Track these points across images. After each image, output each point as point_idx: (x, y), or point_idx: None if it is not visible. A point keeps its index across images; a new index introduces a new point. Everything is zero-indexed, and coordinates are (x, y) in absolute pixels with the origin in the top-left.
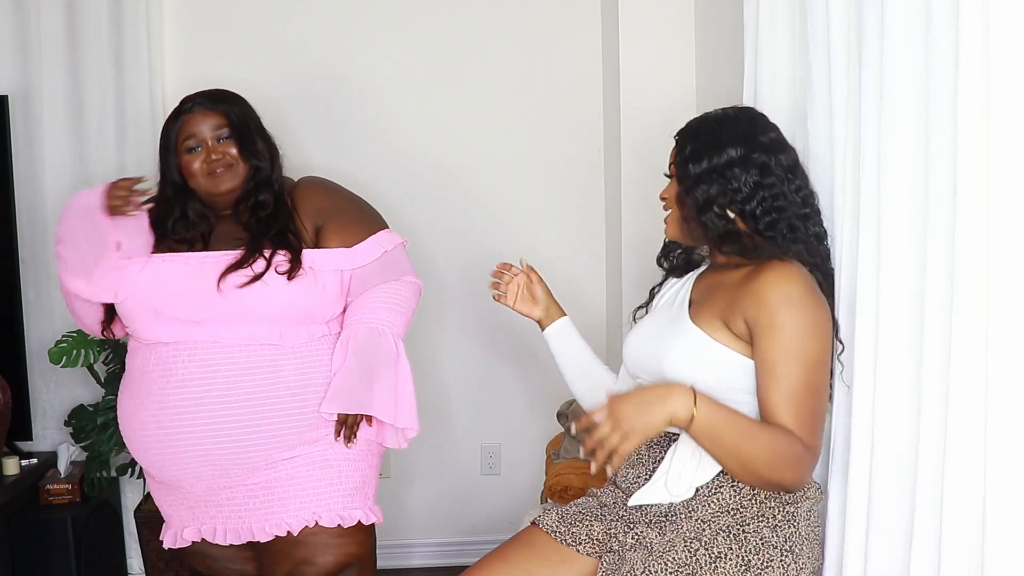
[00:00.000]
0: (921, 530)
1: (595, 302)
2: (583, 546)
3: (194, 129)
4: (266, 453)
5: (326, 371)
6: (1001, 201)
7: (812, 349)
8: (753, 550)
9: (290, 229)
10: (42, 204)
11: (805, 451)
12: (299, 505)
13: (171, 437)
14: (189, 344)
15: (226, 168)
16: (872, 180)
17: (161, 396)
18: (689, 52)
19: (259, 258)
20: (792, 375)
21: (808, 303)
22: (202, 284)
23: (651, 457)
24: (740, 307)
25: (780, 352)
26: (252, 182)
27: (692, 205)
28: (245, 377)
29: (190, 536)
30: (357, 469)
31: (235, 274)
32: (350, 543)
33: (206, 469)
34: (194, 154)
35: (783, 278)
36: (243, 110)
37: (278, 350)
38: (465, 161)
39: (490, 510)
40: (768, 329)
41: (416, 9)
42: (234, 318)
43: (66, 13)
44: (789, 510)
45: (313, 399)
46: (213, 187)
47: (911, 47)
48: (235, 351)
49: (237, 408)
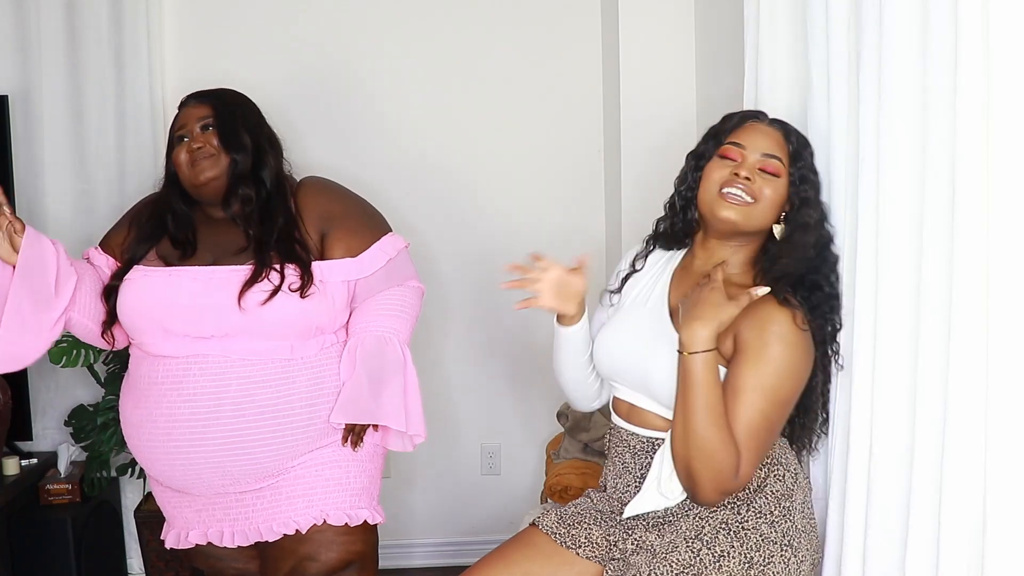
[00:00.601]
0: (919, 529)
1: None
2: (583, 549)
3: (184, 120)
4: (277, 462)
5: (336, 381)
6: (1000, 200)
7: (785, 390)
8: (754, 547)
9: (296, 239)
10: (42, 204)
11: (734, 477)
12: (307, 504)
13: (181, 450)
14: (200, 358)
15: (206, 157)
16: (871, 179)
17: (171, 409)
18: (689, 52)
19: (271, 271)
20: (757, 407)
21: (800, 347)
22: (214, 300)
23: (637, 464)
24: (734, 327)
25: (756, 382)
26: (232, 176)
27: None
28: (257, 391)
29: (196, 539)
30: (364, 470)
31: (252, 291)
32: (354, 541)
33: (216, 479)
34: (181, 144)
35: (786, 318)
36: (233, 104)
37: (290, 363)
38: (465, 162)
39: (490, 510)
40: (755, 358)
41: (416, 10)
42: (246, 333)
43: (66, 13)
44: (785, 504)
45: (324, 409)
46: (193, 176)
47: (910, 47)
48: (247, 365)
49: (250, 422)
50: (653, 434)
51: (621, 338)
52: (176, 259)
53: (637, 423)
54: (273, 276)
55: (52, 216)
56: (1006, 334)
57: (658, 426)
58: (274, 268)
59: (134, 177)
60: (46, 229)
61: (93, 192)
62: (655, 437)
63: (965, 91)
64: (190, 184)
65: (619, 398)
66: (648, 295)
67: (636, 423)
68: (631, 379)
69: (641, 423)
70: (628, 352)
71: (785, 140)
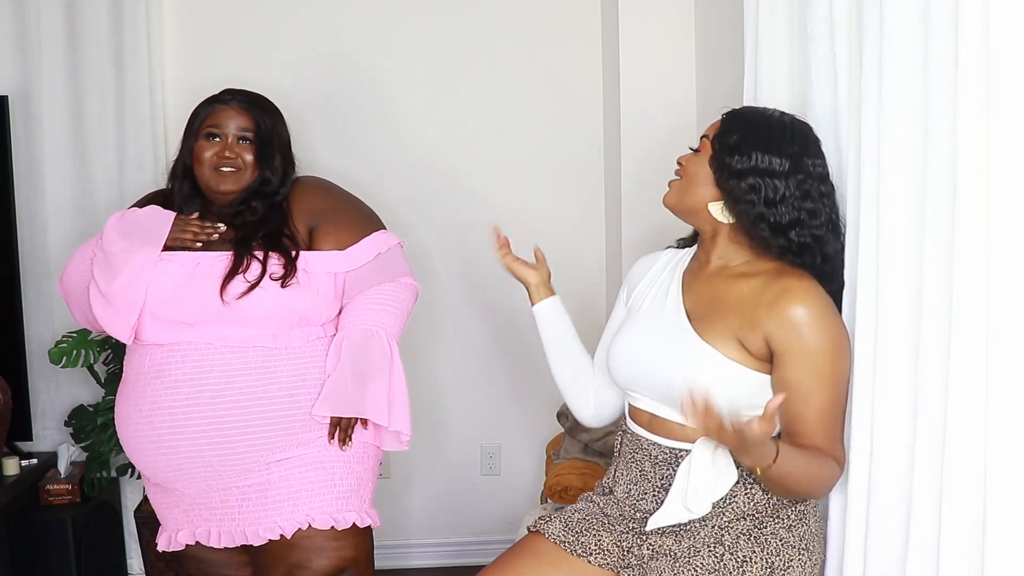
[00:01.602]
0: (920, 530)
1: (595, 302)
2: (594, 557)
3: (221, 120)
4: (258, 455)
5: (320, 373)
6: (1001, 200)
7: (840, 368)
8: (774, 551)
9: (283, 232)
10: (42, 204)
11: (837, 468)
12: (292, 507)
13: (163, 438)
14: (182, 345)
15: (234, 170)
16: (872, 179)
17: (154, 398)
18: (689, 52)
19: (252, 261)
20: (824, 398)
21: (832, 322)
22: (198, 289)
23: (657, 474)
24: (761, 328)
25: (812, 376)
26: (253, 191)
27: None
28: (237, 379)
29: (184, 539)
30: (351, 471)
31: (234, 282)
32: (345, 546)
33: (199, 470)
34: (210, 142)
35: (808, 299)
36: (275, 123)
37: (272, 352)
38: (465, 161)
39: (490, 510)
40: (800, 355)
41: (416, 10)
42: (228, 321)
43: (66, 13)
44: (799, 508)
45: (305, 401)
46: (214, 182)
47: (910, 46)
48: (228, 353)
49: (229, 410)
50: (676, 444)
51: (639, 348)
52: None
53: (659, 433)
54: (255, 266)
55: (52, 216)
56: (1006, 334)
57: (680, 436)
58: (256, 257)
59: (134, 177)
60: (46, 229)
61: (93, 192)
62: (678, 448)
63: (966, 91)
64: (206, 185)
65: (638, 408)
66: (663, 301)
67: (658, 432)
68: (653, 390)
69: (664, 433)
70: (649, 363)
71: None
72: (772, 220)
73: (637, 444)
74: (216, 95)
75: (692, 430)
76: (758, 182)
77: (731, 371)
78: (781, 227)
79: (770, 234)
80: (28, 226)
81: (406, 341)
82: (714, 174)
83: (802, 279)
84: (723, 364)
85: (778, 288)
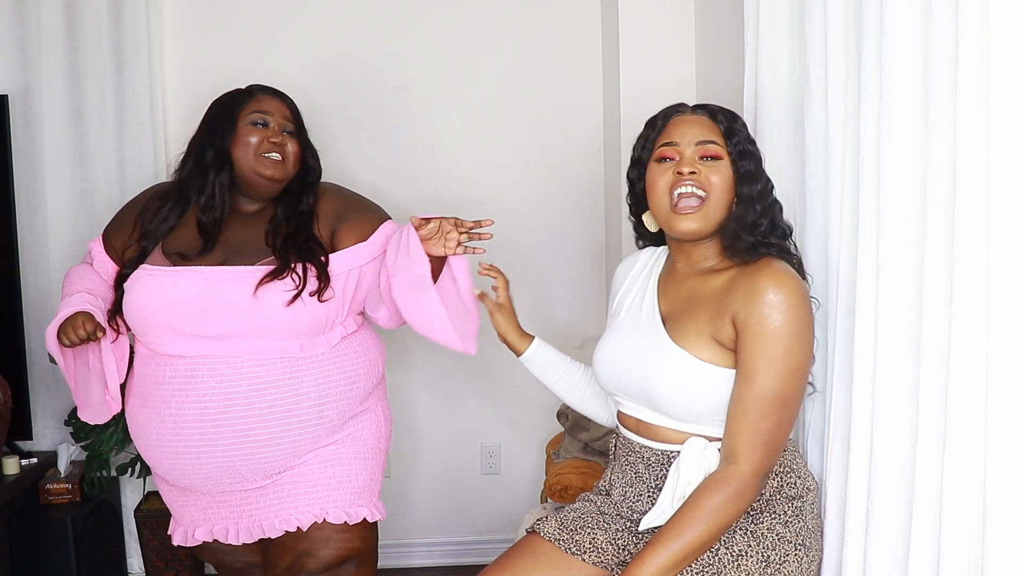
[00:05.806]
0: (920, 529)
1: (595, 301)
2: (588, 555)
3: (268, 107)
4: (285, 460)
5: (343, 379)
6: (1001, 200)
7: (792, 358)
8: (770, 546)
9: (314, 239)
10: (42, 204)
11: (740, 481)
12: (308, 501)
13: (191, 449)
14: (208, 358)
15: (282, 158)
16: (871, 178)
17: (179, 410)
18: (689, 52)
19: (292, 272)
20: (765, 384)
21: (800, 309)
22: (223, 300)
23: (652, 475)
24: (728, 310)
25: (761, 358)
26: (297, 183)
27: (760, 190)
28: (267, 391)
29: (202, 536)
30: (366, 467)
31: (270, 287)
32: (352, 538)
33: (224, 477)
34: (258, 128)
35: (782, 285)
36: (302, 122)
37: (298, 362)
38: (464, 161)
39: (490, 510)
40: (757, 334)
41: (415, 11)
42: (256, 333)
43: (66, 13)
44: (796, 504)
45: (332, 407)
46: (260, 167)
47: (911, 45)
48: (255, 365)
49: (259, 421)
50: (666, 447)
51: (618, 355)
52: (184, 256)
53: (648, 436)
54: (294, 277)
55: (52, 216)
56: (1007, 334)
57: (670, 439)
58: (295, 270)
59: (134, 177)
60: (46, 229)
61: (93, 192)
62: (669, 450)
63: (966, 90)
64: (251, 170)
65: (625, 413)
66: (640, 306)
67: (647, 436)
68: (635, 396)
69: (652, 436)
70: (627, 370)
71: (714, 121)
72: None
73: (629, 447)
74: (249, 87)
75: (679, 433)
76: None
77: (704, 374)
78: (780, 208)
79: (777, 217)
80: (28, 226)
81: (405, 342)
82: (738, 172)
83: (782, 265)
84: (696, 368)
85: (756, 270)
